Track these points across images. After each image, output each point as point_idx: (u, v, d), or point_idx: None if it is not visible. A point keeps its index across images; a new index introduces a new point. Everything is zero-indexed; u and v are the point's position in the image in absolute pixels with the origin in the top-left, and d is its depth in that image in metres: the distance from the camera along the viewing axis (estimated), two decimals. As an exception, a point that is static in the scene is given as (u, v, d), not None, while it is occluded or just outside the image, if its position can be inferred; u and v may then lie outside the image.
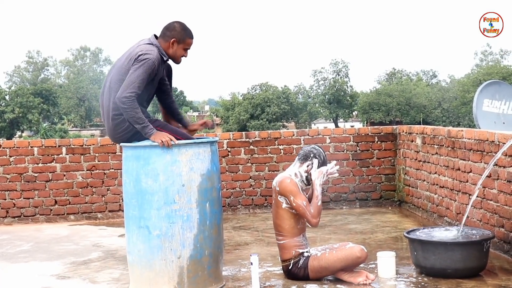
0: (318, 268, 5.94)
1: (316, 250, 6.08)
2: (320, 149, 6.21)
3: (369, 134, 10.32)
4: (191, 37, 6.08)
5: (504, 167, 6.68)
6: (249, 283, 5.88)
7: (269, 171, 10.15)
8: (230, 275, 6.36)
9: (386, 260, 6.06)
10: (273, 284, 5.99)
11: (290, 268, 6.00)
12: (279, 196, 5.96)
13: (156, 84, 6.09)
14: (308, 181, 6.08)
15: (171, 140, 5.63)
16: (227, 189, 10.08)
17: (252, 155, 10.17)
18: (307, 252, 6.02)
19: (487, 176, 6.76)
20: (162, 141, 5.59)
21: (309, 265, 5.95)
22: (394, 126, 10.48)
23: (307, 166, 6.07)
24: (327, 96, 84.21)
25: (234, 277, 6.29)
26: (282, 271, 6.22)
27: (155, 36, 6.08)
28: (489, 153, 7.01)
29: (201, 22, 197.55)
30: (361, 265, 6.10)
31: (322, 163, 6.10)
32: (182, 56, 6.10)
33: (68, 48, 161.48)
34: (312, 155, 6.09)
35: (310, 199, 6.02)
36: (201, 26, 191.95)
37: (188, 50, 6.12)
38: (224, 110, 77.35)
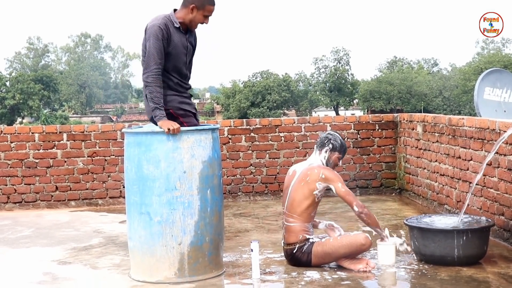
0: (321, 253, 5.96)
1: (318, 237, 6.10)
2: (335, 133, 6.32)
3: (370, 122, 10.35)
4: (212, 3, 5.94)
5: (504, 155, 6.70)
6: (249, 270, 5.90)
7: (269, 158, 10.17)
8: (230, 261, 6.39)
9: (385, 248, 6.08)
10: (274, 271, 6.01)
11: (294, 252, 6.02)
12: (319, 182, 5.97)
13: (178, 53, 5.92)
14: (329, 166, 6.19)
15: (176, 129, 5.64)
16: (227, 176, 10.11)
17: (252, 142, 10.19)
18: (312, 238, 6.05)
19: (487, 164, 6.78)
20: (169, 129, 5.60)
21: (313, 250, 5.97)
22: (395, 114, 10.51)
23: (325, 151, 6.18)
24: (328, 84, 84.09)
25: (234, 264, 6.32)
26: (282, 258, 6.26)
27: (175, 10, 6.00)
28: (490, 141, 7.03)
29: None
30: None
31: (340, 146, 6.22)
32: (201, 23, 5.95)
33: (68, 34, 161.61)
34: (327, 141, 6.20)
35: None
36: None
37: (209, 17, 5.99)
38: (225, 97, 77.37)
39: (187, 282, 5.69)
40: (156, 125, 5.75)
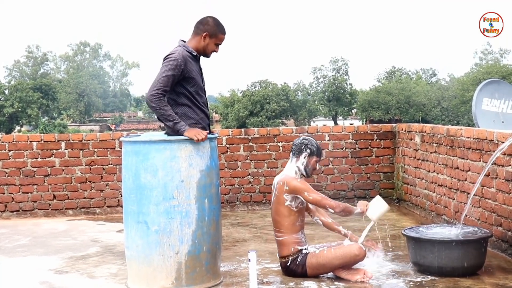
0: (316, 265, 5.99)
1: (314, 247, 6.13)
2: (310, 138, 6.35)
3: (368, 132, 10.38)
4: (223, 32, 6.11)
5: (502, 166, 6.73)
6: (246, 280, 5.90)
7: (268, 168, 10.19)
8: (228, 271, 6.41)
9: (377, 202, 6.24)
10: (271, 281, 6.04)
11: (288, 264, 6.05)
12: (285, 194, 6.01)
13: (197, 78, 6.05)
14: (307, 173, 6.19)
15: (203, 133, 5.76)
16: (225, 186, 10.12)
17: (251, 151, 10.21)
18: (305, 249, 6.06)
19: (485, 175, 6.82)
20: (198, 138, 5.69)
21: (307, 262, 5.99)
22: (393, 124, 10.54)
23: (304, 157, 6.18)
24: (326, 93, 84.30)
25: (232, 273, 6.34)
26: (279, 268, 6.26)
27: (183, 41, 6.14)
28: (488, 152, 7.05)
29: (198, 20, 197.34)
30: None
31: (317, 150, 6.23)
32: (213, 51, 6.12)
33: (67, 43, 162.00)
34: (304, 146, 6.21)
35: None
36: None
37: (220, 46, 6.14)
38: (224, 106, 77.49)
39: None
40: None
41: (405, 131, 9.92)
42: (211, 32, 6.01)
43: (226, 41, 6.17)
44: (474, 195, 7.08)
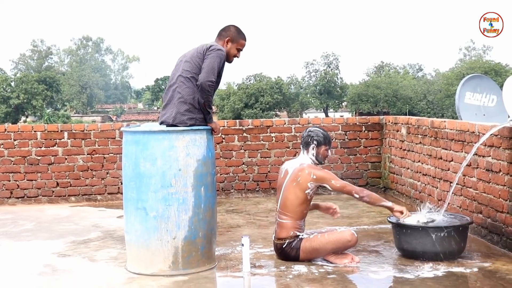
0: (309, 249, 6.16)
1: (306, 233, 6.30)
2: (315, 128, 6.50)
3: (357, 123, 10.59)
4: (244, 39, 6.48)
5: (483, 156, 6.91)
6: (240, 263, 6.08)
7: (261, 157, 10.38)
8: (222, 255, 6.55)
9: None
10: (263, 264, 6.18)
11: (284, 246, 6.21)
12: (311, 182, 6.17)
13: (220, 78, 6.35)
14: (320, 162, 6.43)
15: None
16: (221, 174, 10.28)
17: (245, 142, 10.39)
18: (301, 235, 6.24)
19: (467, 165, 7.01)
20: (218, 132, 6.26)
21: (301, 246, 6.16)
22: (381, 117, 10.72)
23: (312, 149, 6.36)
24: (318, 87, 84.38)
25: (226, 257, 6.48)
26: (272, 252, 6.44)
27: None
28: (470, 143, 7.22)
29: (197, 14, 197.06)
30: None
31: (324, 139, 6.40)
32: (235, 56, 6.46)
33: (71, 37, 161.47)
34: (310, 139, 6.38)
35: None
36: (197, 18, 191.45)
37: (241, 52, 6.50)
38: (220, 99, 77.12)
39: (181, 274, 5.84)
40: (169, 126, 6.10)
41: (392, 123, 10.10)
42: (232, 38, 6.38)
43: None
44: (456, 184, 7.24)
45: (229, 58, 6.41)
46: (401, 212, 6.34)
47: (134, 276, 5.93)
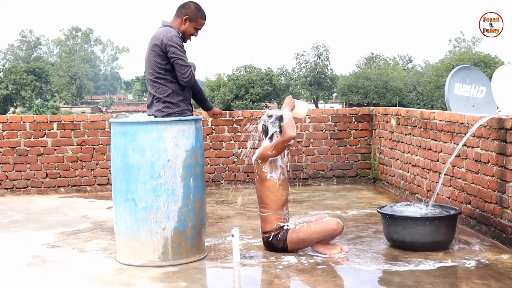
0: (296, 240, 6.17)
1: (294, 223, 6.30)
2: (262, 115, 6.47)
3: (347, 115, 10.61)
4: (204, 18, 6.25)
5: (472, 147, 6.95)
6: (230, 254, 6.08)
7: (251, 148, 10.35)
8: (212, 246, 6.57)
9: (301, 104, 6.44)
10: (253, 255, 6.21)
11: (270, 240, 6.23)
12: (263, 167, 6.18)
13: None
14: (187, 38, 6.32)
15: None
16: (211, 165, 10.30)
17: (235, 133, 10.41)
18: (287, 226, 6.25)
19: (456, 155, 7.03)
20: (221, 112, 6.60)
21: (288, 237, 6.18)
22: (371, 108, 10.73)
23: (272, 133, 6.30)
24: (308, 78, 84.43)
25: (216, 248, 6.50)
26: (261, 243, 6.45)
27: (166, 21, 6.27)
28: (459, 134, 7.26)
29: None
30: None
31: (276, 119, 6.31)
32: (192, 35, 6.25)
33: (60, 28, 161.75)
34: (263, 125, 6.38)
35: None
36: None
37: (199, 31, 6.28)
38: (210, 90, 77.01)
39: (171, 265, 5.84)
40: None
41: (381, 114, 10.13)
42: (191, 16, 6.16)
43: (214, 27, 6.37)
44: (445, 174, 7.29)
45: (185, 37, 6.23)
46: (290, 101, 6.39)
47: (124, 267, 5.93)
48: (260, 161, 6.21)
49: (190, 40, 6.31)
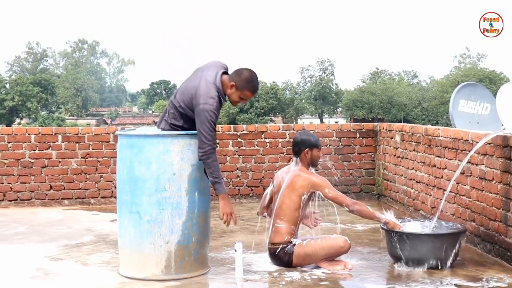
0: (303, 255, 6.17)
1: (300, 239, 6.31)
2: (303, 133, 6.54)
3: (351, 130, 10.61)
4: (252, 91, 6.01)
5: (476, 164, 6.94)
6: (233, 269, 6.07)
7: (255, 163, 10.38)
8: (215, 260, 6.56)
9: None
10: (256, 270, 6.19)
11: (277, 252, 6.22)
12: (307, 188, 6.19)
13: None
14: (314, 165, 6.43)
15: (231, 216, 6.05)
16: None
17: (239, 147, 10.39)
18: (295, 241, 6.25)
19: (460, 172, 7.02)
20: (226, 220, 6.06)
21: (294, 251, 6.18)
22: (375, 123, 10.73)
23: (304, 154, 6.34)
24: (313, 92, 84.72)
25: (219, 263, 6.49)
26: (265, 258, 6.44)
27: (225, 70, 6.11)
28: (463, 151, 7.25)
29: (192, 19, 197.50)
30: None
31: (315, 142, 6.39)
32: (237, 102, 6.08)
33: (66, 40, 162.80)
34: (301, 145, 6.37)
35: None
36: (192, 23, 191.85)
37: (244, 101, 6.12)
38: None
39: (173, 279, 5.84)
40: None
41: (386, 130, 10.13)
42: (238, 86, 5.94)
43: (220, 41, 6.32)
44: (449, 191, 7.27)
45: (231, 101, 6.09)
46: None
47: (126, 280, 5.92)
48: (310, 183, 6.22)
49: (235, 106, 6.19)
